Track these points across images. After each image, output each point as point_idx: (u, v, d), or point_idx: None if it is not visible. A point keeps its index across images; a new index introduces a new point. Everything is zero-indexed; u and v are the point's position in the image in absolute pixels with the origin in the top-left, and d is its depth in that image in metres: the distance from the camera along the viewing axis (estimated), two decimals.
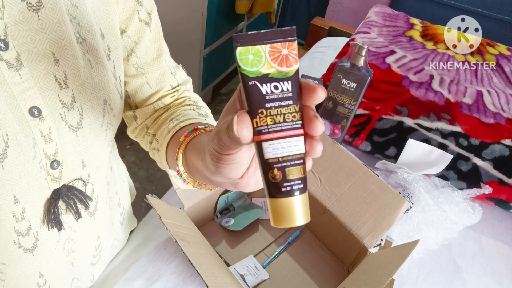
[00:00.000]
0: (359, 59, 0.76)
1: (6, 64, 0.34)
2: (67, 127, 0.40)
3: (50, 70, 0.37)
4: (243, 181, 0.30)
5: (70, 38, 0.38)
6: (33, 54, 0.35)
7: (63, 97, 0.38)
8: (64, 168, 0.42)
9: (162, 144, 0.48)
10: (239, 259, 0.67)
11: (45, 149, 0.39)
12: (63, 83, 0.38)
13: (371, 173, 0.67)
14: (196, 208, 0.68)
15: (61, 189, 0.42)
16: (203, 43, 1.87)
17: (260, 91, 0.24)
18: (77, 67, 0.39)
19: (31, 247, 0.43)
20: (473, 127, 0.83)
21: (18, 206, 0.39)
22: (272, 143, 0.24)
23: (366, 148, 0.91)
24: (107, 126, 0.45)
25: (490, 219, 0.85)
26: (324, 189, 0.69)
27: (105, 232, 0.56)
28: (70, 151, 0.42)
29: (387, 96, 0.89)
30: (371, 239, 0.63)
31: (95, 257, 0.56)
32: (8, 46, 0.33)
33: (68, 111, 0.39)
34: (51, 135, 0.39)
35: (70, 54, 0.38)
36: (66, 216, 0.45)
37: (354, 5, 2.34)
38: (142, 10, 0.48)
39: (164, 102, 0.53)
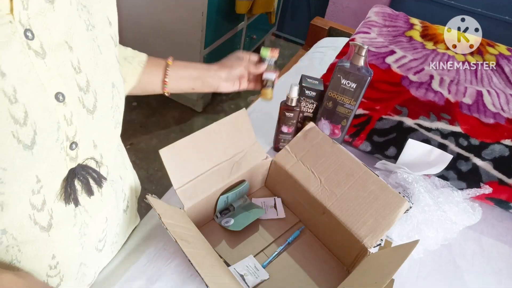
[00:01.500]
0: (359, 59, 0.76)
1: (34, 52, 0.36)
2: (85, 110, 0.43)
3: (67, 57, 0.39)
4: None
5: (78, 27, 0.40)
6: (52, 43, 0.38)
7: (80, 82, 0.41)
8: (80, 148, 0.44)
9: (139, 63, 0.64)
10: (239, 259, 0.67)
11: (67, 132, 0.41)
12: (78, 68, 0.41)
13: (371, 173, 0.67)
14: (196, 208, 0.68)
15: (77, 168, 0.45)
16: (203, 43, 1.87)
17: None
18: (88, 53, 0.42)
19: (46, 225, 0.45)
20: (473, 127, 0.83)
21: (38, 184, 0.42)
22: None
23: (366, 148, 0.92)
24: (115, 109, 0.49)
25: (490, 219, 0.85)
26: (324, 189, 0.69)
27: (111, 215, 0.58)
28: (86, 132, 0.44)
29: (387, 96, 0.89)
30: (371, 239, 0.63)
31: (100, 241, 0.58)
32: (34, 36, 0.36)
33: (85, 94, 0.42)
34: (72, 118, 0.41)
35: (80, 41, 0.41)
36: (81, 197, 0.47)
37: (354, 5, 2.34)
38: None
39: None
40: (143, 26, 1.94)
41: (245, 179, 0.74)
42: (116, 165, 0.57)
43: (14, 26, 0.34)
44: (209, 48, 1.94)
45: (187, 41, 1.87)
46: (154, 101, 2.21)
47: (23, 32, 0.35)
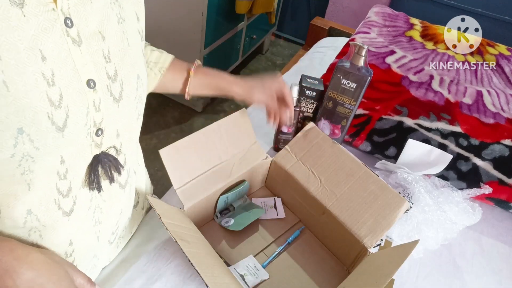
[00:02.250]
0: (359, 59, 0.76)
1: (72, 40, 0.38)
2: (112, 98, 0.45)
3: (100, 46, 0.42)
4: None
5: (111, 18, 0.43)
6: (87, 32, 0.40)
7: (109, 70, 0.43)
8: (105, 136, 0.46)
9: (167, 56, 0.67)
10: (239, 259, 0.67)
11: (94, 118, 0.43)
12: (108, 58, 0.43)
13: (371, 173, 0.67)
14: (196, 208, 0.68)
15: (100, 155, 0.47)
16: (203, 43, 1.87)
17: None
18: (117, 44, 0.44)
19: (68, 210, 0.47)
20: (473, 127, 0.83)
21: (63, 166, 0.43)
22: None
23: (366, 148, 0.91)
24: (138, 100, 0.50)
25: (490, 219, 0.85)
26: (324, 189, 0.69)
27: (125, 208, 0.59)
28: (111, 120, 0.46)
29: (387, 96, 0.89)
30: (371, 239, 0.63)
31: (113, 234, 0.59)
32: (73, 24, 0.38)
33: (113, 83, 0.44)
34: (100, 105, 0.43)
35: (112, 33, 0.43)
36: (103, 182, 0.49)
37: (354, 5, 2.34)
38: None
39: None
40: None
41: (245, 179, 0.74)
42: (132, 158, 0.58)
43: (56, 13, 0.36)
44: (209, 48, 1.94)
45: (187, 41, 1.87)
46: (154, 101, 2.21)
47: (64, 20, 0.37)
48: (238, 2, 1.93)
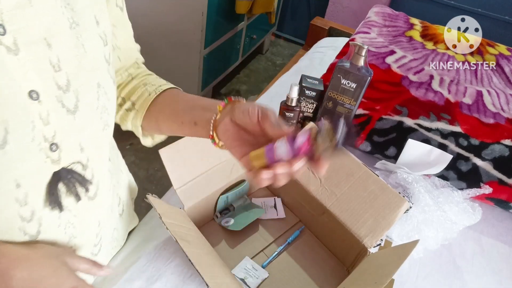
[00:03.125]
0: (359, 59, 0.76)
1: (6, 48, 0.35)
2: (65, 110, 0.41)
3: (45, 54, 0.38)
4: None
5: (60, 24, 0.39)
6: (28, 39, 0.36)
7: (58, 80, 0.40)
8: (63, 150, 0.43)
9: (142, 104, 0.56)
10: (239, 259, 0.67)
11: (43, 132, 0.40)
12: (57, 66, 0.39)
13: (371, 173, 0.67)
14: (196, 208, 0.68)
15: (61, 172, 0.44)
16: (203, 43, 1.87)
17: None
18: (69, 51, 0.41)
19: (35, 233, 0.45)
20: (473, 127, 0.83)
21: (20, 190, 0.40)
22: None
23: (366, 148, 0.92)
24: (102, 109, 0.47)
25: (490, 219, 0.85)
26: (324, 189, 0.69)
27: (105, 219, 0.57)
28: (68, 133, 0.43)
29: (387, 96, 0.89)
30: (371, 239, 0.63)
31: (95, 246, 0.57)
32: (6, 31, 0.35)
33: (64, 93, 0.41)
34: (49, 118, 0.40)
35: (61, 39, 0.39)
36: (67, 200, 0.46)
37: (354, 5, 2.34)
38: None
39: (129, 72, 0.60)
40: (143, 26, 1.94)
41: (245, 179, 0.74)
42: (109, 169, 0.56)
43: None
44: (209, 48, 1.94)
45: (187, 41, 1.87)
46: None
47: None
48: (238, 2, 1.93)
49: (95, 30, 0.45)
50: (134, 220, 0.72)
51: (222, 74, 2.28)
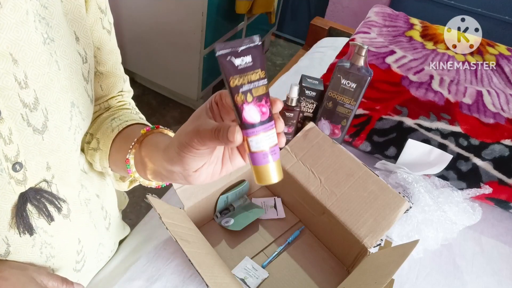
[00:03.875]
0: (359, 59, 0.76)
1: None
2: (31, 129, 0.39)
3: (9, 70, 0.36)
4: (195, 174, 0.36)
5: (31, 39, 0.37)
6: None
7: (24, 97, 0.37)
8: (28, 170, 0.41)
9: (105, 143, 0.50)
10: (239, 259, 0.67)
11: (5, 151, 0.38)
12: (23, 83, 0.37)
13: (371, 173, 0.67)
14: (196, 208, 0.68)
15: (28, 192, 0.41)
16: (203, 43, 1.87)
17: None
18: (40, 68, 0.38)
19: (3, 253, 0.43)
20: (473, 127, 0.83)
21: None
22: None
23: (366, 148, 0.91)
24: (75, 130, 0.45)
25: (490, 219, 0.85)
26: (324, 189, 0.69)
27: (86, 235, 0.54)
28: (35, 153, 0.40)
29: (387, 96, 0.89)
30: (371, 239, 0.63)
31: (78, 263, 0.54)
32: None
33: (31, 112, 0.38)
34: (12, 137, 0.37)
35: (31, 55, 0.37)
36: (39, 221, 0.44)
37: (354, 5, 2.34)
38: (105, 19, 0.49)
39: (110, 103, 0.55)
40: (143, 26, 1.94)
41: (245, 179, 0.74)
42: (89, 183, 0.53)
43: None
44: (209, 48, 1.94)
45: (187, 41, 1.87)
46: (154, 101, 2.22)
47: None
48: (238, 2, 1.93)
49: (74, 46, 0.43)
50: (125, 230, 0.70)
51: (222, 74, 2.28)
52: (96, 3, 0.46)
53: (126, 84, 0.58)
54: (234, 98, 0.31)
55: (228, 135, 0.31)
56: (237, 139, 0.31)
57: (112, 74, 0.53)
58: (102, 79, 0.53)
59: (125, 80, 0.57)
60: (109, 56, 0.51)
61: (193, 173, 0.36)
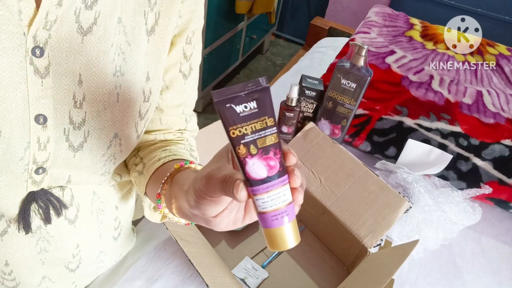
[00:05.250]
0: (359, 59, 0.76)
1: (34, 69, 0.35)
2: (67, 144, 0.41)
3: (71, 88, 0.38)
4: (216, 220, 0.33)
5: (104, 68, 0.39)
6: (62, 68, 0.36)
7: (74, 115, 0.39)
8: (49, 175, 0.42)
9: (148, 170, 0.49)
10: (239, 259, 0.67)
11: (35, 155, 0.39)
12: (79, 103, 0.39)
13: (371, 173, 0.67)
14: None
15: (38, 193, 0.43)
16: (203, 43, 1.87)
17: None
18: (99, 95, 0.40)
19: (1, 231, 0.44)
20: (473, 127, 0.83)
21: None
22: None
23: (366, 148, 0.91)
24: (108, 157, 0.46)
25: (490, 219, 0.85)
26: (324, 189, 0.69)
27: (87, 242, 0.55)
28: (61, 165, 0.42)
29: (387, 96, 0.89)
30: (371, 239, 0.63)
31: (71, 263, 0.55)
32: (43, 54, 0.35)
33: (74, 130, 0.40)
34: (48, 145, 0.39)
35: (97, 82, 0.39)
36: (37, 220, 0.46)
37: (354, 5, 2.34)
38: (186, 64, 0.49)
39: (166, 136, 0.54)
40: None
41: None
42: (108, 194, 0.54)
43: (24, 38, 0.33)
44: (209, 48, 1.94)
45: None
46: None
47: (32, 48, 0.34)
48: (238, 2, 1.93)
49: (141, 84, 0.44)
50: (130, 244, 0.69)
51: (222, 74, 2.28)
52: (182, 49, 0.46)
53: (190, 124, 0.56)
54: (236, 151, 0.27)
55: (233, 191, 0.27)
56: (241, 197, 0.27)
57: (172, 113, 0.52)
58: (162, 114, 0.52)
59: (188, 120, 0.55)
60: (176, 97, 0.51)
61: (212, 219, 0.33)
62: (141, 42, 0.42)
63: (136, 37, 0.41)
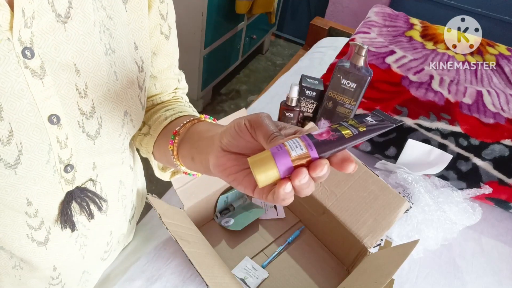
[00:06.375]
0: (359, 59, 0.76)
1: (31, 72, 0.34)
2: (85, 135, 0.41)
3: (72, 79, 0.38)
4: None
5: (95, 50, 0.38)
6: (56, 63, 0.36)
7: (82, 106, 0.39)
8: (78, 171, 0.43)
9: (156, 129, 0.51)
10: (239, 259, 0.67)
11: (59, 155, 0.40)
12: (83, 92, 0.39)
13: (371, 173, 0.67)
14: (196, 208, 0.68)
15: (74, 191, 0.44)
16: (203, 43, 1.87)
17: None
18: (99, 78, 0.40)
19: (43, 240, 0.45)
20: (473, 127, 0.83)
21: (31, 207, 0.41)
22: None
23: (366, 148, 0.91)
24: (125, 136, 0.47)
25: (490, 219, 0.85)
26: (324, 189, 0.69)
27: (118, 228, 0.58)
28: (84, 156, 0.43)
29: (387, 96, 0.89)
30: (371, 239, 0.63)
31: (106, 252, 0.58)
32: (34, 55, 0.34)
33: (87, 119, 0.40)
34: (67, 142, 0.40)
35: (92, 66, 0.39)
36: (80, 216, 0.47)
37: (354, 5, 2.34)
38: (165, 24, 0.49)
39: (162, 99, 0.56)
40: None
41: None
42: (130, 179, 0.56)
43: (11, 44, 0.32)
44: (209, 48, 1.94)
45: (187, 41, 1.88)
46: None
47: (21, 50, 0.33)
48: (238, 2, 1.93)
49: (132, 56, 0.44)
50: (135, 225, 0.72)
51: (222, 74, 2.28)
52: (158, 9, 0.46)
53: (182, 82, 0.59)
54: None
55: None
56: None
57: (165, 77, 0.54)
58: (156, 81, 0.53)
59: (180, 79, 0.58)
60: (163, 60, 0.52)
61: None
62: (121, 12, 0.41)
63: (115, 9, 0.40)
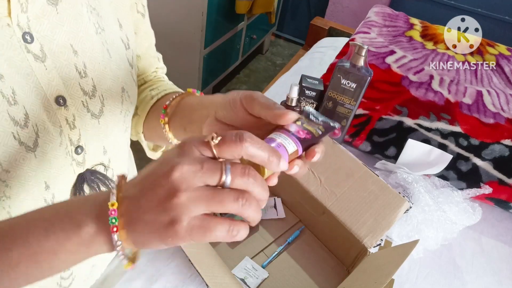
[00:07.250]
0: (359, 59, 0.76)
1: (33, 56, 0.35)
2: (90, 114, 0.42)
3: (71, 61, 0.39)
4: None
5: (87, 30, 0.40)
6: (53, 45, 0.37)
7: (84, 86, 0.41)
8: (87, 153, 0.44)
9: (143, 109, 0.53)
10: (239, 259, 0.67)
11: (70, 136, 0.41)
12: (83, 72, 0.40)
13: (371, 173, 0.67)
14: None
15: (85, 173, 0.45)
16: (203, 43, 1.87)
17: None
18: (95, 57, 0.41)
19: None
20: (473, 127, 0.83)
21: (48, 192, 0.41)
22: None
23: (366, 148, 0.91)
24: (125, 113, 0.48)
25: (490, 219, 0.85)
26: (324, 189, 0.69)
27: None
28: (92, 137, 0.44)
29: (387, 96, 0.89)
30: (371, 239, 0.63)
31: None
32: (33, 39, 0.35)
33: (90, 99, 0.42)
34: (75, 122, 0.41)
35: (88, 45, 0.40)
36: None
37: (354, 5, 2.34)
38: (139, 3, 0.51)
39: (146, 79, 0.58)
40: None
41: None
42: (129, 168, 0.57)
43: (11, 29, 0.33)
44: (209, 48, 1.94)
45: (187, 41, 1.87)
46: None
47: (21, 35, 0.34)
48: (238, 2, 1.93)
49: (118, 34, 0.45)
50: None
51: (222, 74, 2.28)
52: None
53: (161, 62, 0.61)
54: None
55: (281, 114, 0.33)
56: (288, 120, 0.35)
57: (147, 56, 0.56)
58: (138, 61, 0.55)
59: (159, 59, 0.60)
60: (143, 39, 0.54)
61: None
62: None
63: None
